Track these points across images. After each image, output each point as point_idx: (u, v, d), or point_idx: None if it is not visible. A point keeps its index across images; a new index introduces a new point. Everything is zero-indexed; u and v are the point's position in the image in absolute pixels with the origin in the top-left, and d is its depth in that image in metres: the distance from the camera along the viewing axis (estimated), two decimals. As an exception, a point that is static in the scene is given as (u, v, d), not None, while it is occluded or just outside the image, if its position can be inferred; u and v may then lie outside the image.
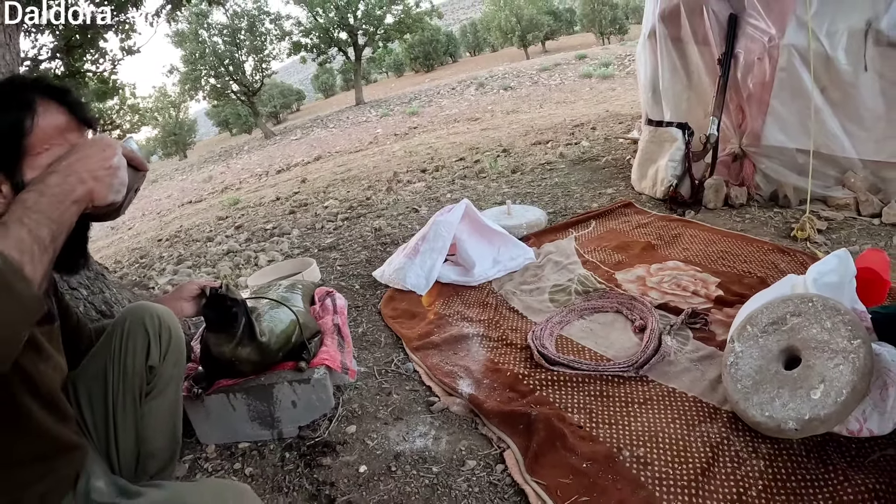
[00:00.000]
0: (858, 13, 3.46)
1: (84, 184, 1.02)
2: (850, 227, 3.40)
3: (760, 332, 1.96)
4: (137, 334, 1.48)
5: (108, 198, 1.05)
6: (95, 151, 1.05)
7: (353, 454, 2.01)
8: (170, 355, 1.54)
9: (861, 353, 1.67)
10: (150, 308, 1.53)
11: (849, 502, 1.52)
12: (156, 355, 1.50)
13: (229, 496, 1.14)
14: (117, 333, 1.48)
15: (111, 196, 1.06)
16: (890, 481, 1.56)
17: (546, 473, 1.76)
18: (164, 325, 1.53)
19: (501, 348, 2.56)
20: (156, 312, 1.52)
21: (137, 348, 1.47)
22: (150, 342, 1.49)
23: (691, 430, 1.90)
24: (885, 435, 1.69)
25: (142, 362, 1.48)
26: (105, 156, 1.05)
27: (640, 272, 3.09)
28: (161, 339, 1.51)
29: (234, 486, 1.20)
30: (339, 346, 2.31)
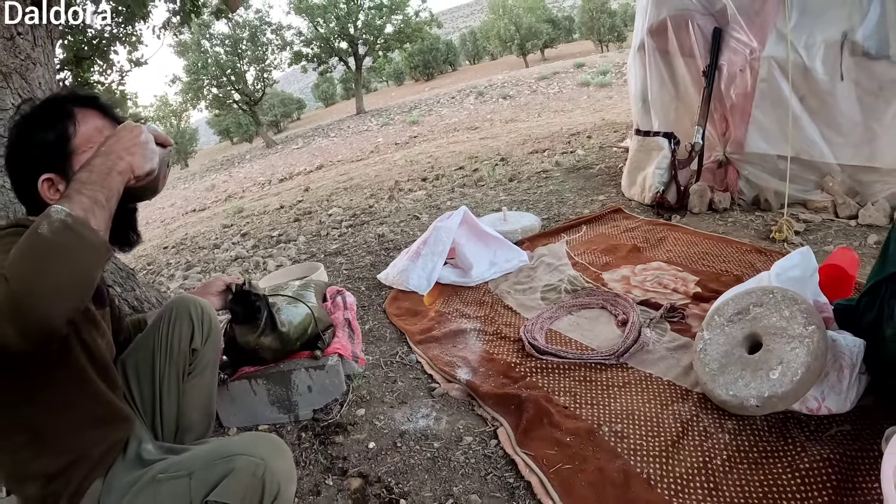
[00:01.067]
0: (835, 26, 3.70)
1: (122, 158, 1.21)
2: (828, 228, 3.64)
3: (726, 322, 2.21)
4: (183, 320, 1.72)
5: (144, 166, 1.25)
6: (125, 133, 1.25)
7: (362, 433, 2.25)
8: (209, 340, 1.78)
9: (815, 338, 1.91)
10: (194, 299, 1.77)
11: (805, 469, 1.74)
12: (199, 339, 1.73)
13: (265, 444, 1.36)
14: (164, 319, 1.72)
15: (147, 165, 1.26)
16: (844, 452, 1.78)
17: (534, 446, 2.00)
18: (206, 313, 1.77)
19: (496, 341, 2.81)
20: (198, 303, 1.77)
21: (183, 332, 1.71)
22: (195, 327, 1.72)
23: (664, 408, 2.14)
24: (843, 413, 1.92)
25: (186, 345, 1.71)
26: (134, 134, 1.26)
27: (626, 272, 3.34)
28: (203, 326, 1.75)
29: (269, 437, 1.42)
30: (349, 338, 2.55)
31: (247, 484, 1.27)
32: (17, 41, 2.00)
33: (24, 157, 1.35)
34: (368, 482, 1.98)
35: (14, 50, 1.98)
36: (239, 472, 1.28)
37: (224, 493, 1.27)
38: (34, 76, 2.09)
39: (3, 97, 1.94)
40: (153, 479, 1.34)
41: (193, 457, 1.39)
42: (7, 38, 1.96)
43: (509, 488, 1.86)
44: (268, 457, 1.32)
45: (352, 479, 2.00)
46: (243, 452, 1.32)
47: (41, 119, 1.37)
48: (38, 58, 2.12)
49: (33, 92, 2.08)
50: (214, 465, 1.31)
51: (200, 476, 1.30)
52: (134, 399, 1.68)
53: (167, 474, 1.34)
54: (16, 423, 1.29)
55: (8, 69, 1.95)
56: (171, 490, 1.31)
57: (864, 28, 3.65)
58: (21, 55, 2.01)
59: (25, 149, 1.36)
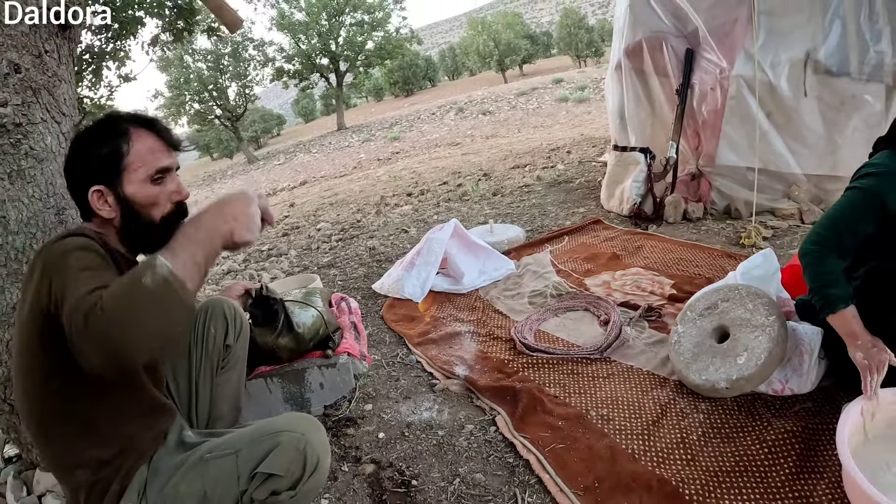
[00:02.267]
0: (799, 45, 4.03)
1: (227, 223, 1.25)
2: (794, 233, 3.94)
3: (698, 316, 2.47)
4: (218, 319, 1.92)
5: (244, 237, 1.27)
6: (240, 200, 1.31)
7: (372, 425, 2.47)
8: (241, 338, 1.99)
9: (776, 327, 2.18)
10: (226, 300, 1.98)
11: (772, 441, 2.00)
12: (232, 336, 1.94)
13: (304, 422, 1.55)
14: (200, 319, 1.91)
15: (247, 236, 1.28)
16: (806, 425, 2.05)
17: (529, 430, 2.24)
18: (237, 313, 1.98)
19: (489, 341, 3.05)
20: (231, 304, 1.98)
21: (218, 330, 1.91)
22: (228, 325, 1.93)
23: (645, 394, 2.40)
24: (805, 393, 2.19)
25: (221, 341, 1.92)
26: (246, 204, 1.30)
27: (606, 277, 3.60)
28: (235, 324, 1.95)
29: (306, 416, 1.60)
30: (355, 339, 2.77)
31: (291, 457, 1.45)
32: (45, 59, 2.12)
33: (79, 169, 1.48)
34: (381, 467, 2.20)
35: (42, 67, 2.11)
36: (283, 447, 1.46)
37: (271, 465, 1.44)
38: (60, 93, 2.19)
39: (33, 112, 2.06)
40: (201, 458, 1.49)
41: (239, 436, 1.55)
42: (35, 56, 2.07)
43: (509, 467, 2.10)
44: (308, 432, 1.50)
45: (365, 465, 2.22)
46: (287, 429, 1.50)
47: (98, 135, 1.49)
48: (63, 75, 2.23)
49: (59, 108, 2.20)
50: (260, 441, 1.48)
51: (247, 453, 1.47)
52: (171, 391, 1.86)
53: (214, 454, 1.50)
54: (70, 415, 1.40)
55: (37, 85, 2.07)
56: (220, 467, 1.47)
57: (826, 47, 3.99)
58: (48, 72, 2.13)
59: (81, 161, 1.48)
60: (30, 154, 2.05)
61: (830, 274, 1.92)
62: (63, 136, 2.20)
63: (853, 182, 2.01)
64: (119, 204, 1.49)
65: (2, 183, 1.99)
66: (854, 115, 4.00)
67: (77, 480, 1.44)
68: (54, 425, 1.41)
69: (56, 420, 1.40)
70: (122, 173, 1.48)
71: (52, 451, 1.46)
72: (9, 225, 2.01)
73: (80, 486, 1.44)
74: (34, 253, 1.45)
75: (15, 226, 2.02)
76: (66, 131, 2.23)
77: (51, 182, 2.11)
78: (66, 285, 1.22)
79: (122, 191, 1.48)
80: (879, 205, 1.88)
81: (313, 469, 1.48)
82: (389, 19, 33.53)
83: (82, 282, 1.20)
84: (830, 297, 1.90)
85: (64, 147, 2.18)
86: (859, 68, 3.96)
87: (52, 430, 1.42)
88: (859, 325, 1.86)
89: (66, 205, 2.17)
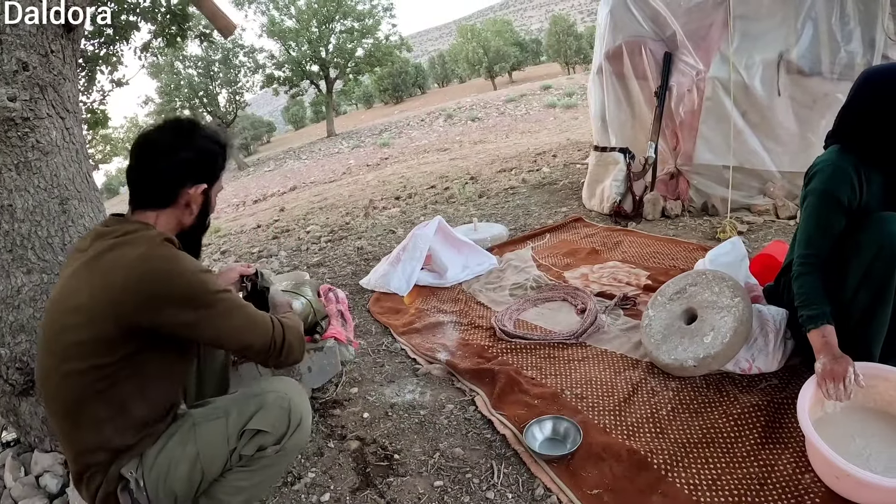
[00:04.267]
0: (772, 47, 4.18)
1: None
2: (769, 228, 4.10)
3: (667, 300, 2.62)
4: None
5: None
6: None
7: (357, 406, 2.60)
8: None
9: (740, 307, 2.33)
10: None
11: (737, 414, 2.14)
12: None
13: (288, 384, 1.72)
14: None
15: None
16: (771, 399, 2.19)
17: (506, 408, 2.37)
18: None
19: (471, 330, 3.18)
20: None
21: None
22: None
23: (618, 375, 2.54)
24: (772, 371, 2.34)
25: None
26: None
27: (585, 270, 3.74)
28: None
29: (289, 379, 1.78)
30: (342, 326, 2.88)
31: (276, 415, 1.61)
32: (51, 58, 2.23)
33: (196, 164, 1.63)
34: (365, 443, 2.32)
35: (48, 66, 2.22)
36: (269, 406, 1.61)
37: (258, 422, 1.58)
38: (64, 90, 2.30)
39: (39, 107, 2.18)
40: (193, 424, 1.61)
41: (227, 401, 1.70)
42: (42, 55, 2.18)
43: (487, 442, 2.22)
44: (291, 394, 1.67)
45: (350, 441, 2.34)
46: (271, 390, 1.66)
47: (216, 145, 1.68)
48: (68, 74, 2.34)
49: (64, 104, 2.31)
50: (248, 402, 1.63)
51: (235, 415, 1.60)
52: None
53: (205, 420, 1.62)
54: (111, 399, 1.47)
55: (44, 82, 2.18)
56: (211, 430, 1.59)
57: (799, 48, 4.14)
58: (54, 70, 2.24)
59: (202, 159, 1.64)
60: (36, 147, 2.16)
61: (808, 294, 2.03)
62: (67, 132, 2.31)
63: (806, 187, 2.13)
64: (202, 205, 1.68)
65: (9, 173, 2.10)
66: (826, 113, 4.12)
67: (94, 460, 1.51)
68: (92, 407, 1.47)
69: (96, 402, 1.46)
70: (217, 182, 1.71)
71: (80, 432, 1.50)
72: (15, 213, 2.13)
73: (93, 465, 1.51)
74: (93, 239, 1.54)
75: (21, 214, 2.14)
76: (70, 126, 2.34)
77: (55, 174, 2.23)
78: (241, 322, 1.56)
79: (212, 196, 1.70)
80: (835, 202, 2.01)
81: (297, 425, 1.64)
82: (379, 26, 33.63)
83: (258, 317, 1.61)
84: (804, 317, 2.02)
85: (68, 141, 2.31)
86: (831, 68, 4.11)
87: (89, 411, 1.47)
88: (826, 344, 1.94)
89: (70, 195, 2.29)
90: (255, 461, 1.60)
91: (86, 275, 1.47)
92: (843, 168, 2.01)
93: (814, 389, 1.91)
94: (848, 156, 2.04)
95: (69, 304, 1.46)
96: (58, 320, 1.48)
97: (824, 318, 1.98)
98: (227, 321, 1.52)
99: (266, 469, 1.64)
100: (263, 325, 1.59)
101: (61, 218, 2.26)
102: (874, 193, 2.05)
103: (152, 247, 1.48)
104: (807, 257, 2.08)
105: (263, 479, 1.66)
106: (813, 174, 2.10)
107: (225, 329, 1.53)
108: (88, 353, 1.43)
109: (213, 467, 1.57)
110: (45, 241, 2.22)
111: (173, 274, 1.45)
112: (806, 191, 2.12)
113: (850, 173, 2.01)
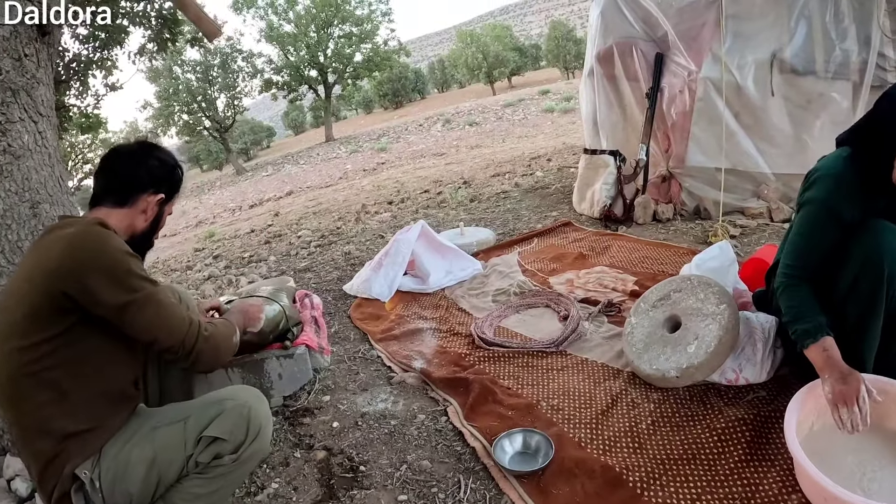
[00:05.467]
0: (765, 46, 4.10)
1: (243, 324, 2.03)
2: (763, 231, 4.01)
3: (650, 307, 2.52)
4: None
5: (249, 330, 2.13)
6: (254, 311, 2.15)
7: (328, 415, 2.51)
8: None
9: (726, 315, 2.22)
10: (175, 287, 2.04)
11: (721, 429, 2.02)
12: None
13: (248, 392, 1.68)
14: None
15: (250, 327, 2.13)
16: (758, 413, 2.08)
17: (479, 419, 2.28)
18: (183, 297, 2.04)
19: (449, 337, 3.09)
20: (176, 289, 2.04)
21: None
22: None
23: (597, 385, 2.44)
24: (760, 383, 2.22)
25: None
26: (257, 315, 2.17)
27: (570, 276, 3.65)
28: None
29: (250, 388, 1.74)
30: (315, 333, 2.81)
31: (235, 422, 1.58)
32: (25, 62, 2.22)
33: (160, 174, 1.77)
34: (332, 454, 2.24)
35: (21, 70, 2.20)
36: (228, 413, 1.59)
37: (216, 429, 1.56)
38: (38, 94, 2.31)
39: (11, 111, 2.18)
40: (152, 428, 1.59)
41: (187, 406, 1.68)
42: (16, 59, 2.17)
43: (456, 454, 2.13)
44: (251, 401, 1.64)
45: (317, 451, 2.26)
46: (231, 398, 1.64)
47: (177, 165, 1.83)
48: (42, 78, 2.34)
49: (37, 108, 2.31)
50: (207, 408, 1.61)
51: (194, 420, 1.59)
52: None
53: (163, 423, 1.61)
54: (47, 382, 1.48)
55: (16, 86, 2.17)
56: (168, 434, 1.57)
57: (792, 47, 4.06)
58: (27, 74, 2.23)
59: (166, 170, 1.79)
60: (7, 151, 2.16)
61: (799, 307, 1.89)
62: (40, 135, 2.32)
63: (805, 191, 1.99)
64: (155, 216, 1.78)
65: (-21, 177, 2.08)
66: (821, 113, 4.07)
67: (39, 448, 1.50)
68: (29, 388, 1.48)
69: (34, 383, 1.47)
70: (172, 202, 1.84)
71: (22, 416, 1.51)
72: (-15, 216, 2.10)
73: (41, 456, 1.50)
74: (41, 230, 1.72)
75: (-9, 217, 2.11)
76: (43, 130, 2.33)
77: (26, 177, 2.24)
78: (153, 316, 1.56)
79: (164, 211, 1.82)
80: (835, 217, 1.86)
81: (255, 434, 1.61)
82: (378, 31, 33.66)
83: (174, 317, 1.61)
84: (798, 332, 1.85)
85: (40, 145, 2.30)
86: (825, 66, 4.03)
87: (27, 392, 1.48)
88: (828, 360, 1.76)
89: (41, 199, 2.29)
90: (211, 469, 1.59)
91: (27, 260, 1.56)
92: (850, 181, 1.85)
93: (801, 403, 1.80)
94: (856, 165, 1.87)
95: (11, 288, 1.55)
96: (1, 303, 1.55)
97: (821, 329, 1.81)
98: (143, 310, 1.53)
99: (223, 477, 1.61)
100: (178, 326, 1.60)
101: (31, 222, 2.27)
102: (879, 209, 1.86)
103: (87, 226, 1.56)
104: (793, 269, 1.95)
105: (220, 487, 1.63)
106: (815, 179, 1.95)
107: (138, 317, 1.53)
108: (24, 332, 1.46)
109: (170, 472, 1.56)
110: (14, 244, 2.23)
111: (102, 248, 1.51)
112: (805, 197, 1.97)
113: (856, 186, 1.84)
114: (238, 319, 1.99)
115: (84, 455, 1.52)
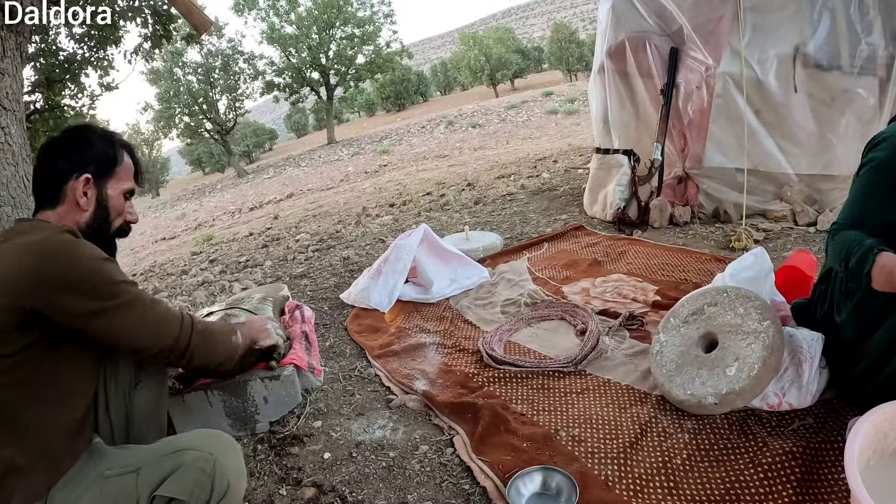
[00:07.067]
0: (787, 40, 3.85)
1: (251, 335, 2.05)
2: (787, 235, 3.75)
3: (682, 323, 2.24)
4: None
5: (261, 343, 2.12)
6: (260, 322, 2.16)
7: (318, 444, 2.23)
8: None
9: (770, 332, 1.95)
10: None
11: (768, 464, 1.74)
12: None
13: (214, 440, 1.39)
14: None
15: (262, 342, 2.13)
16: (807, 445, 1.79)
17: (490, 452, 2.00)
18: None
19: (455, 353, 2.81)
20: None
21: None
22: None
23: (623, 412, 2.15)
24: (805, 407, 1.95)
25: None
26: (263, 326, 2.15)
27: (585, 285, 3.37)
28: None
29: (218, 433, 1.45)
30: (306, 350, 2.54)
31: (195, 479, 1.30)
32: None
33: (75, 154, 1.57)
34: (322, 491, 1.96)
35: None
36: (188, 467, 1.31)
37: (172, 488, 1.29)
38: (2, 86, 2.16)
39: None
40: (101, 475, 1.35)
41: (143, 453, 1.41)
42: None
43: (464, 494, 1.85)
44: (217, 452, 1.35)
45: (305, 488, 1.98)
46: (192, 447, 1.35)
47: (100, 136, 1.64)
48: (7, 69, 2.18)
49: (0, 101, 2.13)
50: (162, 460, 1.34)
51: (148, 472, 1.32)
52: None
53: (115, 471, 1.35)
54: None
55: None
56: (119, 486, 1.32)
57: (815, 41, 3.80)
58: None
59: (81, 148, 1.58)
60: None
61: (848, 241, 1.70)
62: (2, 131, 2.12)
63: (867, 154, 1.80)
64: (97, 200, 1.59)
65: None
66: (847, 110, 3.81)
67: None
68: None
69: None
70: (111, 177, 1.63)
71: None
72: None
73: None
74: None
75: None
76: (6, 125, 2.15)
77: None
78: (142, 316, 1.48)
79: (104, 189, 1.61)
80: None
81: (222, 494, 1.33)
82: (380, 33, 33.51)
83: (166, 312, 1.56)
84: (858, 257, 1.65)
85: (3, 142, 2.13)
86: (850, 61, 3.77)
87: None
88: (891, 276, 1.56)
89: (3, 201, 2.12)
90: None
91: None
92: None
93: (864, 435, 1.53)
94: None
95: None
96: None
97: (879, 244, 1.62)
98: (124, 317, 1.44)
99: None
100: (167, 325, 1.54)
101: None
102: None
103: (53, 233, 1.42)
104: (842, 226, 1.77)
105: None
106: (882, 139, 1.75)
107: (118, 325, 1.43)
108: None
109: None
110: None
111: (71, 258, 1.38)
112: (868, 157, 1.78)
113: None
114: (243, 329, 1.95)
115: (29, 496, 1.30)
